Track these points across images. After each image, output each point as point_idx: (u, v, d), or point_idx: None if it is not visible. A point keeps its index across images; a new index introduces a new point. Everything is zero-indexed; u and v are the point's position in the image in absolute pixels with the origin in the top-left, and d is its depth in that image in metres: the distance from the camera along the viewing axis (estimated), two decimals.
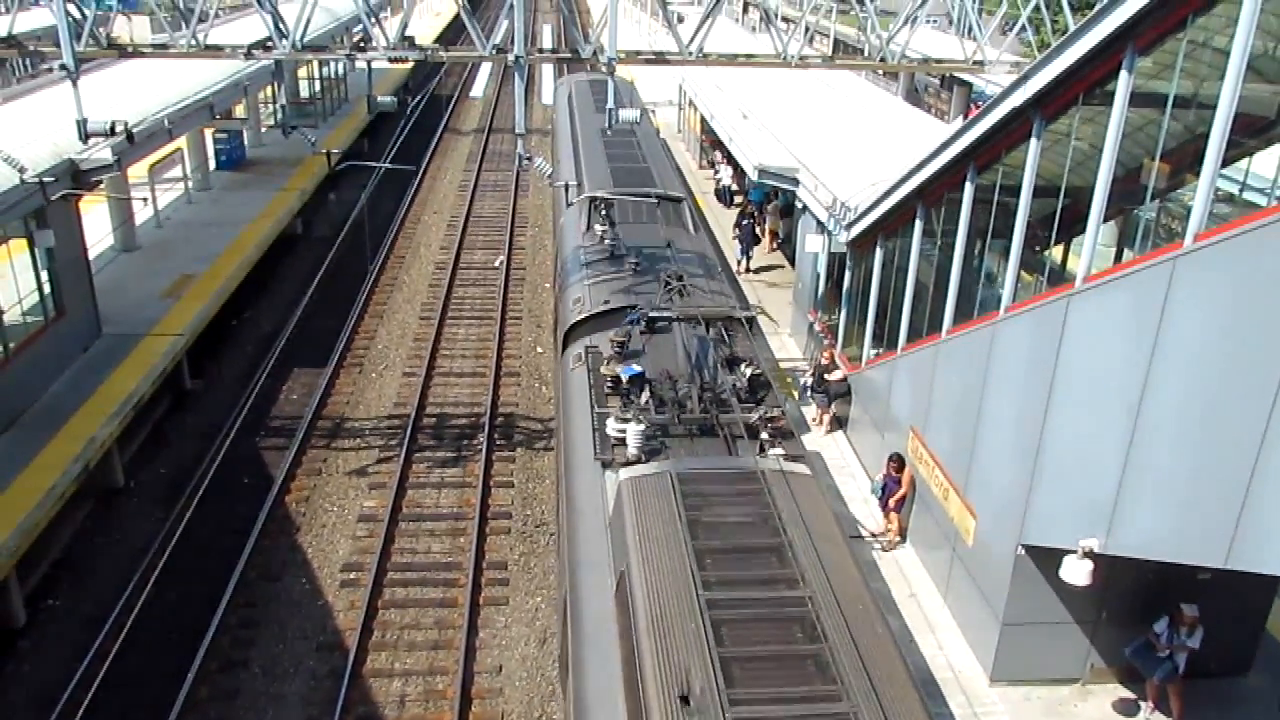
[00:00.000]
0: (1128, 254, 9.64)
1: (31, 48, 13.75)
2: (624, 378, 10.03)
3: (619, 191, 15.96)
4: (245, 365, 19.52)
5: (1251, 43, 7.28)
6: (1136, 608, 10.74)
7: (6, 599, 12.33)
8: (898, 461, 13.73)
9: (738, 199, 28.39)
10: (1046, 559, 10.25)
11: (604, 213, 15.11)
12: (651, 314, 11.22)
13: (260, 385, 18.44)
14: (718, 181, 30.11)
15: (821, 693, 6.06)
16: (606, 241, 14.47)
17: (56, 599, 13.07)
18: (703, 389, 9.84)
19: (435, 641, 12.50)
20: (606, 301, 12.43)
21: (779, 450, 9.06)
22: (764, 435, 9.27)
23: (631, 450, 8.91)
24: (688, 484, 8.18)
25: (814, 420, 17.15)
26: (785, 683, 6.17)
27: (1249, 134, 7.87)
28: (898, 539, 13.85)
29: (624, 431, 9.01)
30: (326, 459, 16.44)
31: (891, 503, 13.74)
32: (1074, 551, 9.48)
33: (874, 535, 14.04)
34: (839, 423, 17.00)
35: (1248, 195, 8.14)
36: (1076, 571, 9.50)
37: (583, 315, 12.28)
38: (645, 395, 9.78)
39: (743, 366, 10.35)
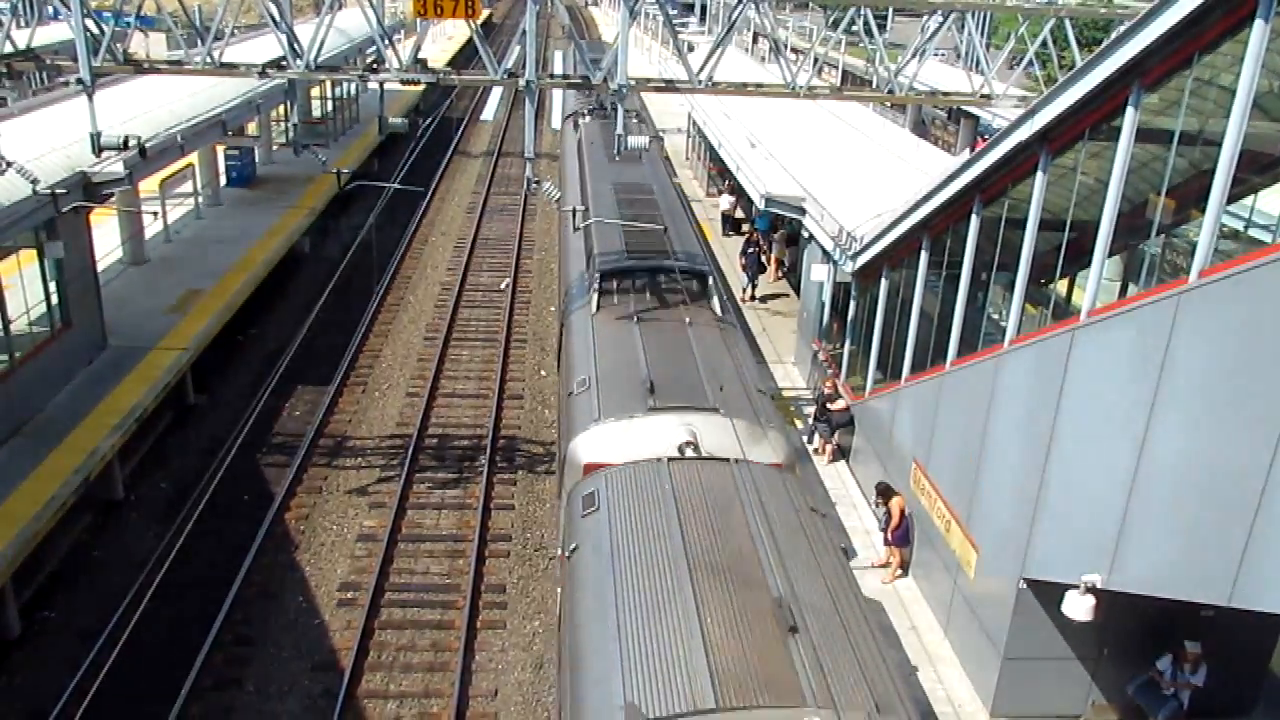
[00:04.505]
0: (1132, 289, 9.65)
1: (49, 61, 13.90)
2: (587, 116, 26.15)
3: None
4: (249, 381, 19.54)
5: (1257, 80, 7.33)
6: (1139, 644, 10.64)
7: (2, 610, 12.28)
8: (883, 491, 13.67)
9: (743, 227, 28.49)
10: (1048, 593, 10.17)
11: (587, 110, 27.57)
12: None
13: (263, 402, 18.43)
14: (724, 211, 30.29)
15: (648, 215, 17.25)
16: (587, 112, 27.23)
17: (52, 611, 13.00)
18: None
19: (431, 664, 12.41)
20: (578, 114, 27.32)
21: (645, 133, 21.82)
22: (633, 120, 24.16)
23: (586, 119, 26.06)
24: (600, 124, 24.32)
25: (816, 450, 17.10)
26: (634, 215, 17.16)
27: (1254, 171, 7.90)
28: (899, 572, 13.76)
29: (586, 117, 26.13)
30: (327, 477, 16.40)
31: (890, 535, 13.64)
32: (1076, 586, 9.41)
33: (874, 566, 13.96)
34: (841, 453, 16.95)
35: (1253, 232, 8.15)
36: (1078, 607, 9.43)
37: (569, 114, 28.63)
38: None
39: (635, 119, 21.77)
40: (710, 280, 14.73)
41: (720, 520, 8.34)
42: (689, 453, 9.84)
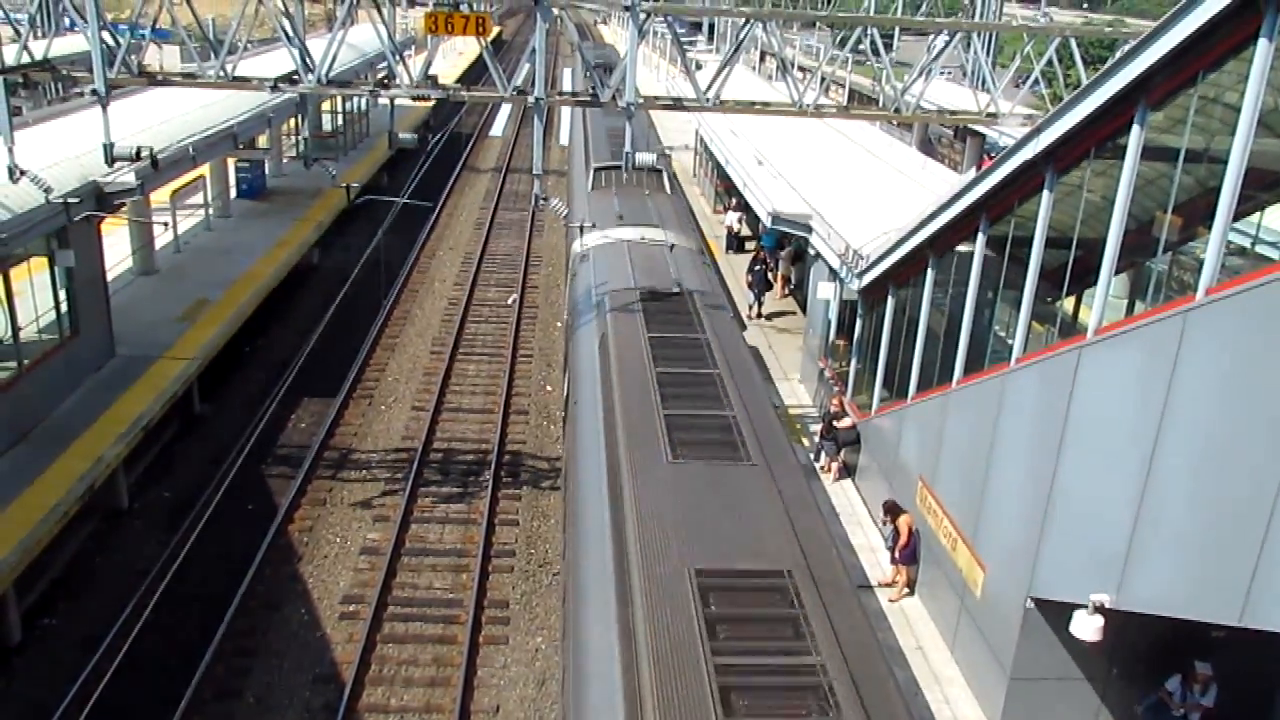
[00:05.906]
0: (1139, 306, 9.64)
1: (65, 72, 14.05)
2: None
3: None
4: (255, 392, 19.59)
5: (1262, 98, 7.34)
6: (1148, 665, 10.54)
7: (3, 616, 12.28)
8: (891, 509, 13.61)
9: (748, 244, 28.53)
10: (1056, 613, 10.09)
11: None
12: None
13: (269, 413, 18.47)
14: (728, 228, 30.36)
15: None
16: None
17: (53, 618, 13.00)
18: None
19: (433, 679, 12.35)
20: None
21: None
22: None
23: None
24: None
25: (822, 468, 17.05)
26: None
27: (1261, 188, 7.91)
28: (906, 590, 13.67)
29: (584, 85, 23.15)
30: (332, 489, 16.40)
31: (897, 553, 13.56)
32: (1084, 606, 9.34)
33: (880, 585, 13.87)
34: (847, 470, 16.89)
35: (1260, 249, 8.15)
36: (1086, 627, 9.35)
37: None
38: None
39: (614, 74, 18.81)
40: (664, 173, 21.83)
41: (653, 262, 15.85)
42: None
